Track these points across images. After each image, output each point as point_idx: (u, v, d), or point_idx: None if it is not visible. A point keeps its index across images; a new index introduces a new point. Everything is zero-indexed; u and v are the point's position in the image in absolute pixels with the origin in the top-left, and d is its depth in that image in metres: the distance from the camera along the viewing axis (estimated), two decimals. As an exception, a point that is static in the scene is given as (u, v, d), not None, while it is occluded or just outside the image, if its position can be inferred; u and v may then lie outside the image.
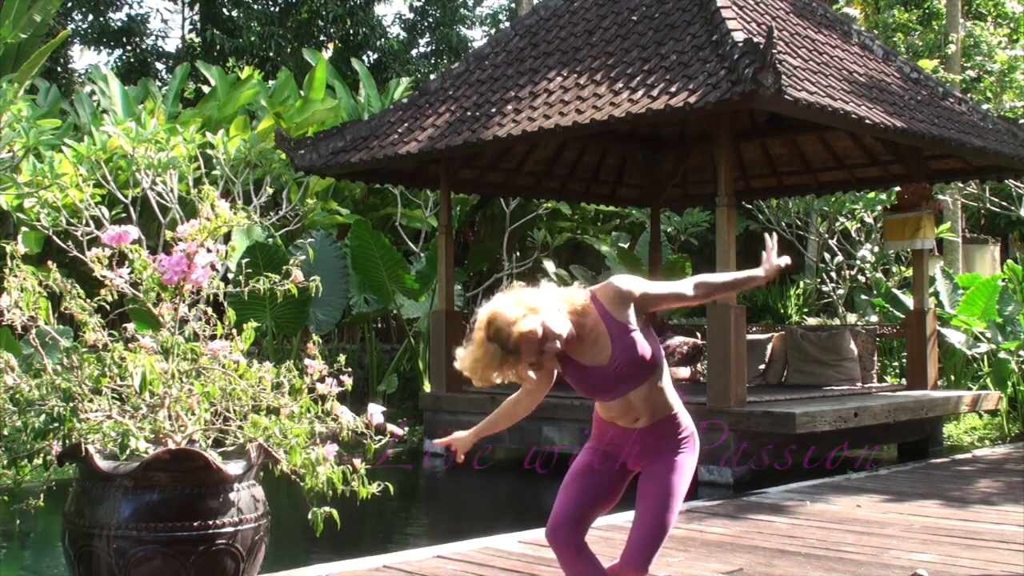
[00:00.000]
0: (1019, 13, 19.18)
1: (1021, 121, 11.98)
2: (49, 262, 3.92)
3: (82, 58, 50.71)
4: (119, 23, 24.90)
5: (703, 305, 11.27)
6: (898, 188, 11.93)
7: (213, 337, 3.88)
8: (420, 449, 11.25)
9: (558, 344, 3.10)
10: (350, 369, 3.94)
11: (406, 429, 11.95)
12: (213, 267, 3.82)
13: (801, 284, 16.53)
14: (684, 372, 11.90)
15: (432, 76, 20.21)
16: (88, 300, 3.84)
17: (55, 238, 10.43)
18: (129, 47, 25.05)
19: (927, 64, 15.61)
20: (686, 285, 3.30)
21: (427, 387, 12.33)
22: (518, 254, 15.31)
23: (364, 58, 23.95)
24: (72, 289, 3.80)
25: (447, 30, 26.33)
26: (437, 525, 8.16)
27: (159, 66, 25.39)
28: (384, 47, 24.52)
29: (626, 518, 6.07)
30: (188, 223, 3.87)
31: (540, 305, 3.10)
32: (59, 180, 10.32)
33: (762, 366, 11.42)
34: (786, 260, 3.42)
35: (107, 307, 3.91)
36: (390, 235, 14.89)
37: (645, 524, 3.24)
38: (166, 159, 11.08)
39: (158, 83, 21.49)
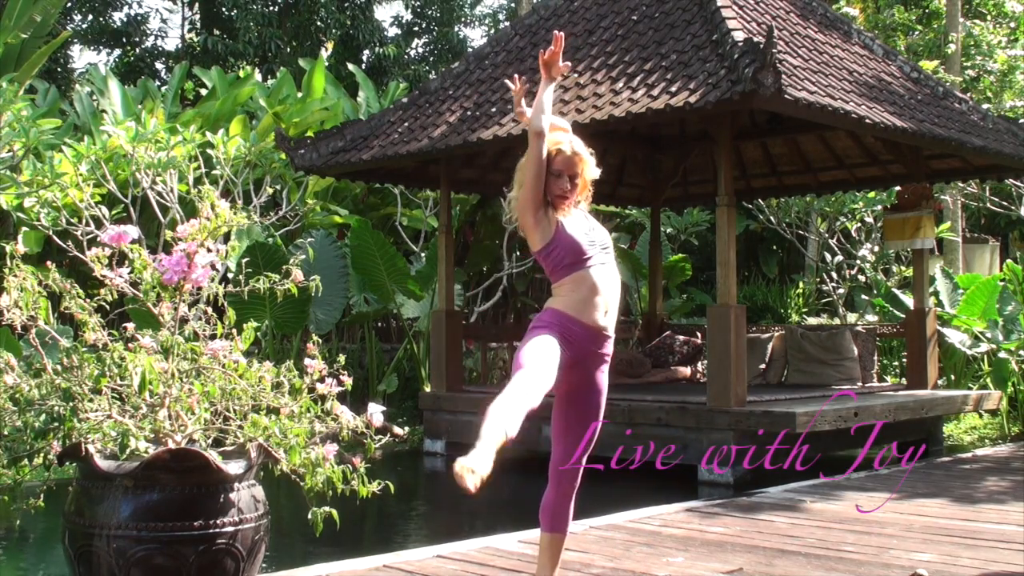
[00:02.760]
0: (1019, 13, 19.18)
1: (1021, 121, 11.98)
2: (49, 262, 3.92)
3: (81, 58, 50.73)
4: (119, 23, 24.89)
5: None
6: (898, 188, 11.93)
7: (213, 337, 3.87)
8: (420, 449, 11.25)
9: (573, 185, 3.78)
10: (350, 368, 3.94)
11: (406, 429, 11.95)
12: (213, 267, 3.81)
13: (801, 284, 16.53)
14: (684, 372, 11.89)
15: (432, 76, 20.19)
16: (88, 300, 3.84)
17: (55, 238, 10.43)
18: (128, 47, 25.04)
19: (927, 64, 15.60)
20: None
21: (427, 387, 12.33)
22: (518, 254, 15.28)
23: (362, 60, 23.95)
24: (72, 289, 3.79)
25: (446, 29, 26.32)
26: (437, 525, 8.16)
27: (158, 66, 25.38)
28: (382, 53, 24.49)
29: (627, 518, 6.08)
30: (188, 223, 3.87)
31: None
32: (59, 180, 10.32)
33: (762, 366, 11.42)
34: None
35: (107, 307, 3.90)
36: (390, 235, 14.88)
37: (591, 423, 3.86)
38: (166, 159, 11.08)
39: (157, 83, 21.48)
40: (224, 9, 24.31)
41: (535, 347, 3.56)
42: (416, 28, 26.98)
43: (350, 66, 19.09)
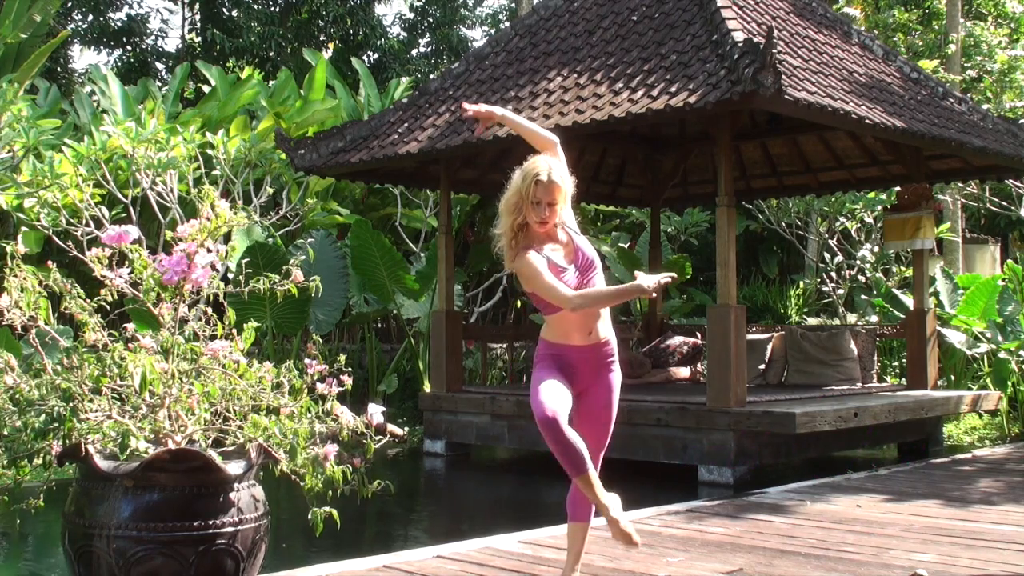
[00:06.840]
0: (1019, 13, 19.18)
1: (1021, 121, 11.98)
2: (49, 262, 3.92)
3: (82, 58, 50.70)
4: (119, 23, 24.89)
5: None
6: (898, 188, 11.93)
7: (213, 337, 3.87)
8: (420, 449, 11.25)
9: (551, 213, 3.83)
10: (350, 369, 3.95)
11: (406, 429, 11.95)
12: (213, 267, 3.81)
13: (801, 284, 16.53)
14: (684, 372, 11.89)
15: (432, 76, 20.19)
16: (88, 300, 3.84)
17: (55, 238, 10.42)
18: (129, 47, 25.04)
19: (927, 64, 15.61)
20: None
21: (427, 387, 12.33)
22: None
23: (364, 58, 23.94)
24: (72, 289, 3.79)
25: (447, 30, 26.33)
26: (437, 525, 8.16)
27: (159, 66, 25.37)
28: (384, 47, 24.50)
29: (627, 518, 6.07)
30: (188, 223, 3.87)
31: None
32: (59, 180, 10.32)
33: (762, 366, 11.41)
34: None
35: (107, 307, 3.90)
36: (390, 235, 14.88)
37: (599, 431, 4.00)
38: (166, 159, 11.09)
39: (158, 83, 21.47)
40: (225, 9, 24.31)
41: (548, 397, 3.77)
42: (417, 28, 26.99)
43: (353, 61, 19.07)
